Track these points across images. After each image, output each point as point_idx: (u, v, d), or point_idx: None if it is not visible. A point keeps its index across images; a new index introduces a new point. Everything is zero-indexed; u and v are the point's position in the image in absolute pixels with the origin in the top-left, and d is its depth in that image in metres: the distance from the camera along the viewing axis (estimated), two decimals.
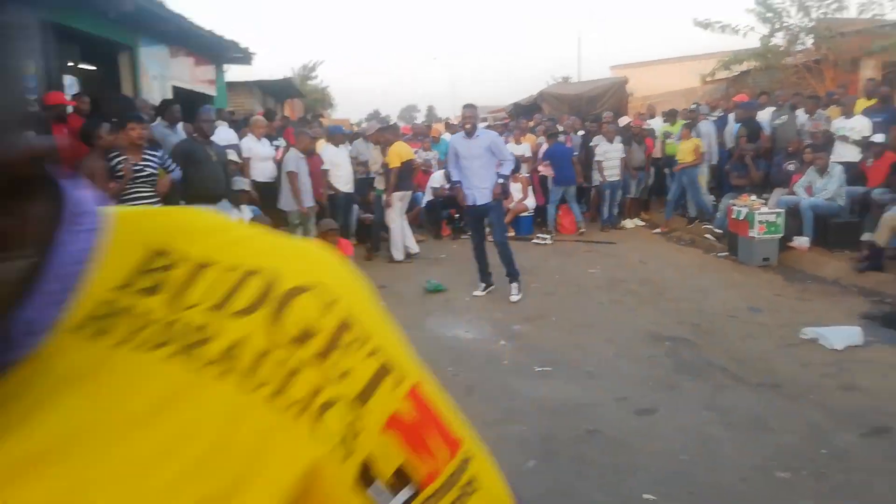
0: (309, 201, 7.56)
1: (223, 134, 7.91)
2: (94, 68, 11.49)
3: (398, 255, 8.66)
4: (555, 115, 14.44)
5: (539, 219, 10.67)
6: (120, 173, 4.89)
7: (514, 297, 6.32)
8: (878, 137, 7.65)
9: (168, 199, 5.75)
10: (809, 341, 4.92)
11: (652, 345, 5.05)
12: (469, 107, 6.56)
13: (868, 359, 4.55)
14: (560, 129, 11.24)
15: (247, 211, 6.70)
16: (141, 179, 5.00)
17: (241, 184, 6.62)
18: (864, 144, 7.88)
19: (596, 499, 2.97)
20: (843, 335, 4.85)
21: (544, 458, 3.35)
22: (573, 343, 5.14)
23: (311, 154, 8.07)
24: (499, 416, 3.90)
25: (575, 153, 11.31)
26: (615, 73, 20.54)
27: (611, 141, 10.43)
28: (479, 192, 6.41)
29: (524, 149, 11.06)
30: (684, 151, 9.93)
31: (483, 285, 6.70)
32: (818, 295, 6.30)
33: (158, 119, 7.17)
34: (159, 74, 10.46)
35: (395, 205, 8.61)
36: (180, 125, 7.15)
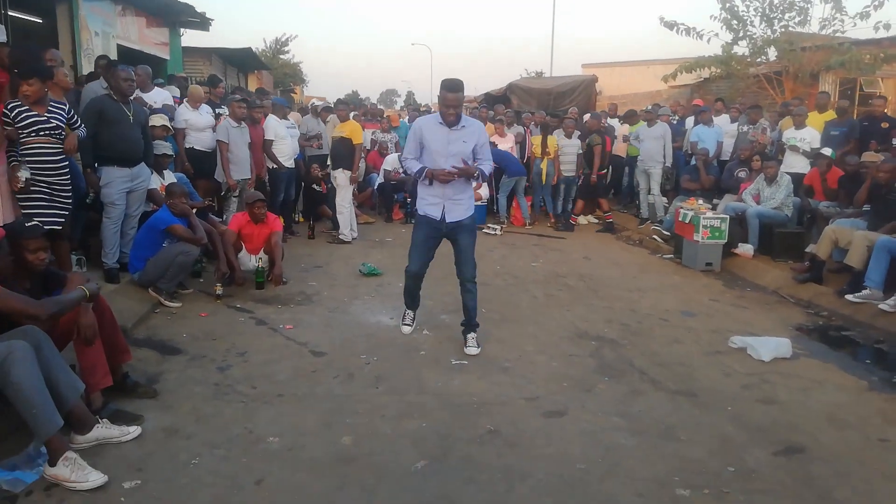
0: (239, 174, 7.19)
1: (157, 96, 7.47)
2: (38, 20, 10.90)
3: (349, 235, 8.38)
4: (523, 107, 14.28)
5: (495, 207, 10.52)
6: (18, 124, 4.48)
7: (474, 350, 4.56)
8: (827, 151, 7.59)
9: (82, 157, 5.35)
10: (737, 350, 4.78)
11: (576, 343, 4.86)
12: (453, 90, 4.31)
13: (793, 372, 4.41)
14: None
15: (170, 175, 6.30)
16: (45, 132, 4.59)
17: (163, 148, 6.20)
18: (814, 156, 7.82)
19: None
20: (771, 346, 4.70)
21: (436, 459, 3.11)
22: (496, 336, 4.91)
23: (254, 124, 7.70)
24: (400, 410, 3.66)
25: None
26: (585, 72, 20.44)
27: (569, 136, 10.25)
28: (451, 206, 4.51)
29: None
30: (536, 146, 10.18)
31: (412, 314, 5.03)
32: (754, 303, 6.18)
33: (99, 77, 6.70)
34: (102, 31, 9.92)
35: (348, 185, 8.30)
36: None
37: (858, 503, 2.86)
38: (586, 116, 11.69)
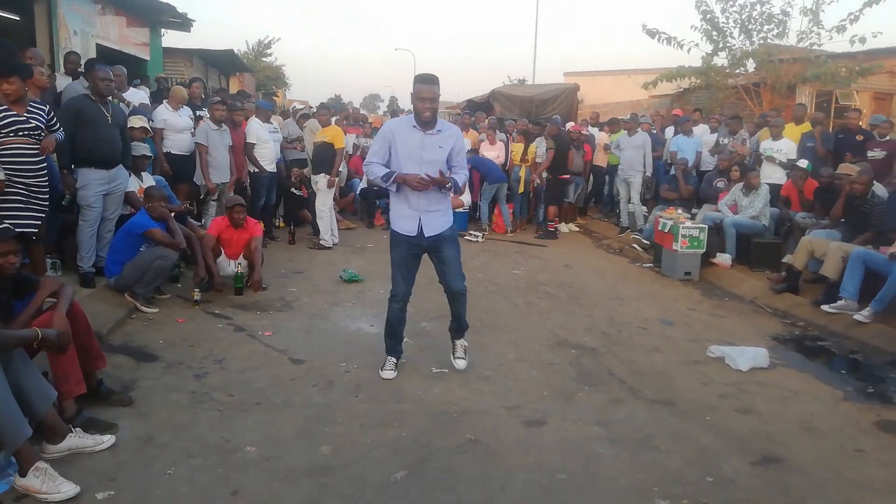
0: (219, 177, 7.12)
1: (133, 96, 7.39)
2: (16, 18, 10.74)
3: (329, 241, 8.33)
4: (505, 114, 14.31)
5: (477, 214, 10.56)
6: None
7: (462, 364, 4.37)
8: (803, 163, 7.71)
9: (59, 158, 5.26)
10: (715, 359, 4.82)
11: (556, 351, 4.87)
12: (429, 82, 3.87)
13: (770, 382, 4.46)
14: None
15: (148, 178, 6.21)
16: (24, 133, 4.50)
17: (142, 149, 6.12)
18: (790, 167, 7.94)
19: None
20: (749, 356, 4.75)
21: (415, 469, 3.09)
22: (477, 344, 4.89)
23: (235, 127, 7.65)
24: (380, 419, 3.63)
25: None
26: (568, 80, 20.59)
27: None
28: (428, 218, 4.04)
29: (465, 144, 10.84)
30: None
31: (394, 360, 4.31)
32: (732, 312, 6.25)
33: (80, 77, 6.60)
34: (81, 30, 9.79)
35: (328, 190, 8.26)
36: None
37: None
38: (568, 124, 11.78)
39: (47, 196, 4.75)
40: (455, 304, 4.34)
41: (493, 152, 10.46)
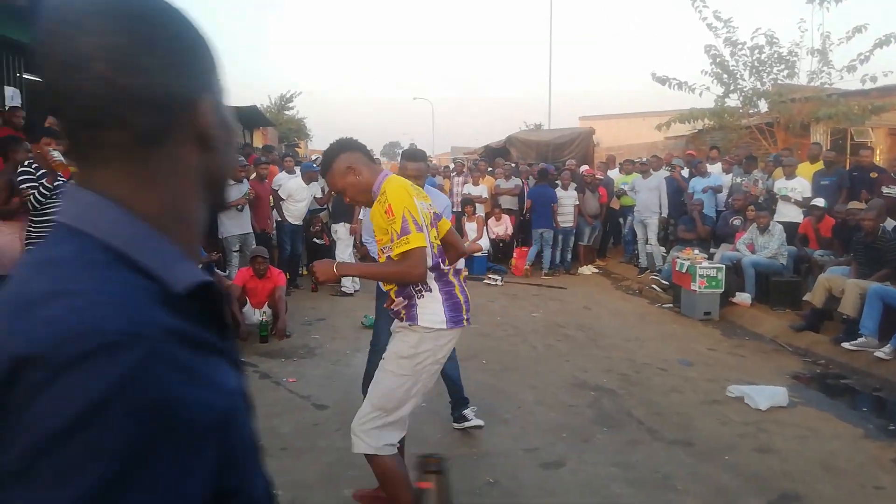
0: (239, 228, 7.48)
1: None
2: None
3: (351, 287, 8.51)
4: (522, 159, 14.57)
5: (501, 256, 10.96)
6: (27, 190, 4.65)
7: (474, 421, 4.10)
8: (819, 202, 7.77)
9: None
10: (734, 399, 4.83)
11: (575, 393, 4.92)
12: (416, 159, 3.89)
13: (790, 421, 4.46)
14: (551, 169, 11.48)
15: None
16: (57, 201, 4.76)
17: None
18: (806, 206, 7.99)
19: None
20: (768, 395, 4.76)
21: None
22: (496, 388, 4.98)
23: (261, 181, 8.00)
24: None
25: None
26: (583, 124, 20.91)
27: (566, 188, 10.49)
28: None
29: (482, 190, 11.13)
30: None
31: None
32: (752, 352, 6.25)
33: None
34: None
35: (348, 237, 8.50)
36: None
37: None
38: (583, 167, 11.98)
39: None
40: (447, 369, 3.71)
41: (477, 191, 10.96)
